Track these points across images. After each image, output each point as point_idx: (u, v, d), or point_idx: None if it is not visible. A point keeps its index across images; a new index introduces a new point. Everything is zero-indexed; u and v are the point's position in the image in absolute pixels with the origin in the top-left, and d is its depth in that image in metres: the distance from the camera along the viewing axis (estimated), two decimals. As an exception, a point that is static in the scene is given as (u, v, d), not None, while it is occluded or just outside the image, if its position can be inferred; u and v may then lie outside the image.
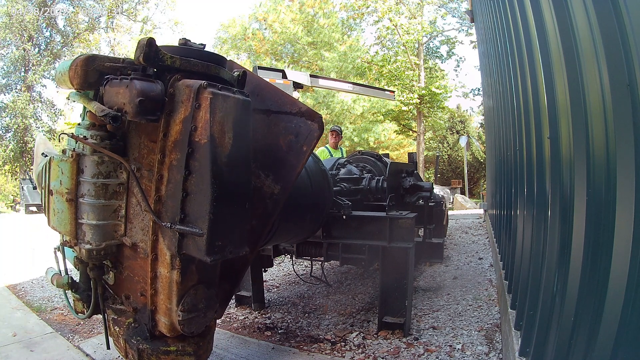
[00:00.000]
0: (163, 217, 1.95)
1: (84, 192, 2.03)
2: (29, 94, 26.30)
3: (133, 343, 2.14)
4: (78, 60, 1.90)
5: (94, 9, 27.04)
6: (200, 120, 1.84)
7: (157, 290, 2.14)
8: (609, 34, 1.19)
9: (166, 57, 1.87)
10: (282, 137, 2.38)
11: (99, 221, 2.09)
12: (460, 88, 23.01)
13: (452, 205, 15.54)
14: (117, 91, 1.92)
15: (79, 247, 2.16)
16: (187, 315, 2.07)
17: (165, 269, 2.05)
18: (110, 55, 2.00)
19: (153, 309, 2.16)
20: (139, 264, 2.22)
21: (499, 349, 2.73)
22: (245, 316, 3.72)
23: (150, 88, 1.85)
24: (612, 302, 1.18)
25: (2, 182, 29.76)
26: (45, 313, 3.96)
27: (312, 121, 2.28)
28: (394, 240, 3.01)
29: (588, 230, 1.35)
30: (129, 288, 2.30)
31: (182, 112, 1.90)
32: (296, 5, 21.98)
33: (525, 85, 2.36)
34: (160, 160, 1.95)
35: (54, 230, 2.27)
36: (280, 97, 2.38)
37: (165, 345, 2.16)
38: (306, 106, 2.35)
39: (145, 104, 1.82)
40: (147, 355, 2.12)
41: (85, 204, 2.05)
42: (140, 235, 2.15)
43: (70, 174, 2.00)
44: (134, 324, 2.23)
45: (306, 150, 2.31)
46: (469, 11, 9.59)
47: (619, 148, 1.16)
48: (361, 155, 4.89)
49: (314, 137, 2.29)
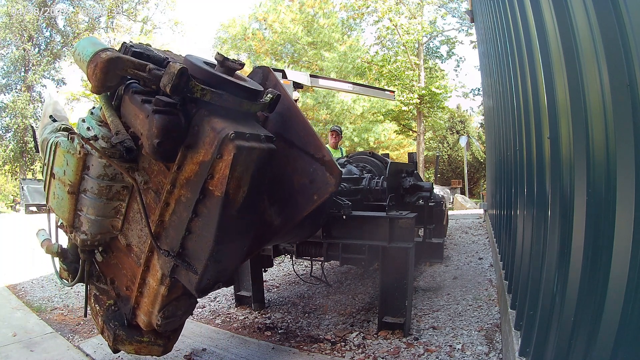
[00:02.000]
0: (162, 240, 1.99)
1: (87, 188, 2.03)
2: (29, 94, 26.31)
3: (110, 326, 2.29)
4: (99, 59, 1.69)
5: (94, 9, 27.06)
6: (219, 171, 1.75)
7: (143, 294, 2.22)
8: (609, 34, 1.19)
9: (196, 89, 1.70)
10: (297, 175, 2.27)
11: (98, 217, 2.12)
12: (460, 88, 23.04)
13: (452, 205, 15.54)
14: (136, 113, 1.79)
15: (74, 234, 2.20)
16: (166, 320, 2.19)
17: (154, 282, 2.13)
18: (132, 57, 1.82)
19: (135, 306, 2.27)
20: (130, 264, 2.27)
21: (499, 349, 2.73)
22: (245, 316, 3.71)
23: (171, 126, 1.69)
24: (612, 302, 1.18)
25: (2, 182, 29.76)
26: (45, 313, 3.96)
27: (331, 174, 2.16)
28: (394, 240, 3.01)
29: (588, 230, 1.35)
30: (116, 274, 2.38)
31: (201, 154, 1.77)
32: (296, 5, 21.97)
33: (525, 85, 2.36)
34: (169, 190, 1.90)
35: (51, 210, 2.34)
36: (308, 135, 2.23)
37: (140, 335, 2.32)
38: (330, 156, 2.20)
39: (165, 146, 1.71)
40: (122, 340, 2.29)
41: (87, 199, 2.06)
42: (135, 240, 2.19)
43: (75, 168, 1.99)
44: (114, 307, 2.35)
45: (316, 200, 2.23)
46: (469, 11, 9.58)
47: (619, 148, 1.16)
48: (360, 156, 4.89)
49: (328, 191, 2.20)
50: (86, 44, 1.82)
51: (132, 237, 2.21)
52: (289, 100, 2.28)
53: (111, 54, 1.70)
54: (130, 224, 2.21)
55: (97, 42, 1.83)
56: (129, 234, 2.21)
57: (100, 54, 1.70)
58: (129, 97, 1.86)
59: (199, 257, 1.89)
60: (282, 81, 8.81)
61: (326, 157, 2.18)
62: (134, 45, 1.97)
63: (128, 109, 1.86)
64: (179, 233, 1.90)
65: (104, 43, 1.85)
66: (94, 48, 1.75)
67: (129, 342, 2.30)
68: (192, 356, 2.82)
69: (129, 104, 1.86)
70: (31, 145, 25.32)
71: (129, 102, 1.86)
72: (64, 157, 2.02)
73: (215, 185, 1.77)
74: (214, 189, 1.77)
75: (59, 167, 2.09)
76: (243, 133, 1.74)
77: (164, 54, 2.19)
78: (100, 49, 1.73)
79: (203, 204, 1.82)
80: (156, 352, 2.40)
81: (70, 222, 2.15)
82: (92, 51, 1.73)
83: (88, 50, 1.76)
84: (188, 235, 1.90)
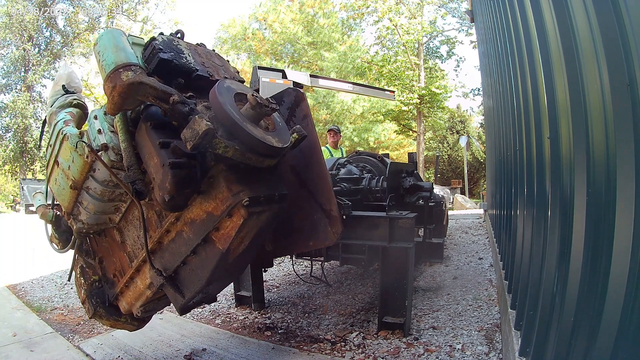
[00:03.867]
0: (157, 258, 2.04)
1: (90, 187, 2.03)
2: (29, 94, 26.30)
3: (92, 302, 2.44)
4: (119, 81, 1.53)
5: (94, 9, 27.04)
6: (225, 228, 1.75)
7: (129, 288, 2.32)
8: (609, 34, 1.19)
9: (219, 146, 1.57)
10: (300, 215, 2.23)
11: (97, 213, 2.14)
12: (460, 88, 23.06)
13: (452, 205, 15.53)
14: (151, 153, 1.64)
15: (71, 221, 2.25)
16: (146, 313, 2.37)
17: (142, 284, 2.21)
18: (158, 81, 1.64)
19: (119, 294, 2.39)
20: (121, 256, 2.34)
21: (499, 349, 2.73)
22: (245, 316, 3.71)
23: (186, 183, 1.62)
24: (612, 302, 1.18)
25: (2, 182, 29.75)
26: (45, 313, 3.96)
27: (333, 231, 2.13)
28: (394, 240, 3.00)
29: (588, 230, 1.35)
30: (105, 257, 2.46)
31: (212, 205, 1.74)
32: (296, 5, 21.97)
33: (525, 85, 2.36)
34: (172, 221, 1.90)
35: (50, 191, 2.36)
36: (323, 183, 2.16)
37: (118, 315, 2.48)
38: (337, 211, 2.15)
39: (176, 201, 1.66)
40: (100, 316, 2.46)
41: (88, 197, 2.07)
42: (130, 241, 2.25)
43: (81, 169, 1.97)
44: (98, 284, 2.48)
45: (311, 246, 2.25)
46: (469, 11, 9.58)
47: (619, 148, 1.16)
48: (359, 156, 4.89)
49: (325, 244, 2.21)
50: (108, 45, 1.66)
51: (127, 237, 2.24)
52: (314, 138, 2.17)
53: (132, 77, 1.55)
54: (127, 224, 2.23)
55: (120, 44, 1.68)
56: (126, 233, 2.25)
57: (121, 73, 1.55)
58: (147, 129, 1.69)
59: (189, 287, 1.96)
60: (282, 81, 8.78)
61: (333, 212, 2.11)
62: (163, 49, 1.83)
63: (143, 142, 1.70)
64: (174, 261, 1.96)
65: (127, 48, 1.69)
66: (116, 57, 1.60)
67: (107, 319, 2.47)
68: (192, 356, 2.82)
69: (145, 138, 1.69)
70: (31, 145, 25.32)
71: (145, 135, 1.70)
72: (71, 153, 1.97)
73: (218, 238, 1.77)
74: (216, 241, 1.78)
75: (64, 159, 2.04)
76: (258, 197, 1.69)
77: (195, 52, 2.05)
78: (123, 63, 1.58)
79: (203, 248, 1.85)
80: (130, 329, 2.60)
81: (69, 211, 2.19)
82: (113, 60, 1.60)
83: (109, 57, 1.62)
84: (183, 265, 1.96)
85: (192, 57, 2.01)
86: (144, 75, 1.59)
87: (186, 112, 1.62)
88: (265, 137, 1.70)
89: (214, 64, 2.17)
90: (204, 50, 2.20)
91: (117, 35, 1.75)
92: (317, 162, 2.18)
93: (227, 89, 1.74)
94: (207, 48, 2.27)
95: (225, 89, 1.72)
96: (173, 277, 1.99)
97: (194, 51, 2.08)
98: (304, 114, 2.24)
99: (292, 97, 2.30)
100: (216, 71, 2.12)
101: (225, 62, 2.31)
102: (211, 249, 1.81)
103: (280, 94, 2.35)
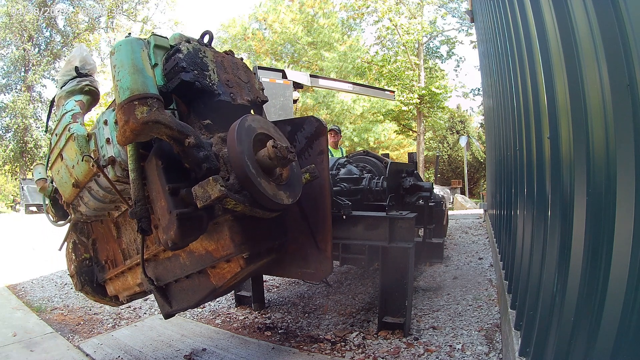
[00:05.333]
0: (150, 267, 2.10)
1: (93, 188, 2.03)
2: (29, 94, 26.31)
3: (80, 280, 2.55)
4: (133, 118, 1.42)
5: (94, 9, 27.05)
6: (221, 269, 1.86)
7: (119, 279, 2.40)
8: (609, 34, 1.19)
9: (229, 204, 1.55)
10: (295, 244, 2.25)
11: (97, 210, 2.16)
12: (460, 88, 23.03)
13: (452, 205, 15.53)
14: (158, 193, 1.61)
15: (70, 209, 2.28)
16: (131, 300, 2.53)
17: (132, 280, 2.28)
18: (174, 118, 1.54)
19: (109, 280, 2.49)
20: (115, 249, 2.42)
21: (499, 349, 2.73)
22: (245, 316, 3.71)
23: (191, 234, 1.60)
24: (612, 302, 1.18)
25: (2, 182, 29.75)
26: (45, 313, 3.96)
27: (321, 270, 2.16)
28: (394, 240, 3.00)
29: (588, 230, 1.35)
30: (99, 241, 2.53)
31: (212, 246, 1.81)
32: (296, 5, 21.98)
33: (525, 85, 2.36)
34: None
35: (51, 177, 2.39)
36: (324, 224, 2.15)
37: (103, 294, 2.62)
38: (331, 253, 2.16)
39: (178, 246, 1.66)
40: (87, 292, 2.59)
41: (90, 196, 2.07)
42: (126, 240, 2.32)
43: (85, 173, 1.94)
44: (88, 262, 2.57)
45: (299, 276, 2.30)
46: (469, 11, 9.58)
47: (619, 148, 1.16)
48: (366, 156, 4.88)
49: (310, 280, 2.34)
50: (126, 62, 1.50)
51: (124, 235, 2.29)
52: (325, 176, 2.14)
53: (147, 116, 1.43)
54: (125, 222, 2.25)
55: (139, 64, 1.51)
56: (122, 230, 2.29)
57: (135, 108, 1.43)
58: (157, 167, 1.61)
59: (177, 302, 2.07)
60: (282, 81, 8.75)
61: (327, 254, 2.13)
62: (186, 67, 1.73)
63: (152, 178, 1.64)
64: (167, 276, 2.03)
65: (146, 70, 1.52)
66: (133, 82, 1.46)
67: (92, 296, 2.61)
68: (192, 356, 2.82)
69: (154, 175, 1.62)
70: (31, 145, 25.33)
71: (154, 172, 1.63)
72: (76, 155, 1.93)
73: (213, 275, 1.86)
74: (211, 275, 1.86)
75: (69, 157, 1.99)
76: (259, 253, 1.76)
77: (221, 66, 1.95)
78: (138, 94, 1.44)
79: (197, 276, 1.94)
80: (113, 306, 2.76)
81: (69, 202, 2.21)
82: (128, 86, 1.46)
83: (125, 80, 1.47)
84: (175, 283, 2.04)
85: (217, 74, 1.91)
86: (160, 111, 1.48)
87: (200, 159, 1.56)
88: (277, 194, 1.67)
89: (238, 81, 2.06)
90: (231, 62, 2.08)
91: (137, 48, 1.58)
92: (323, 204, 2.14)
93: (248, 131, 1.67)
94: (235, 57, 2.16)
95: (245, 132, 1.65)
96: (164, 289, 2.08)
97: (219, 65, 1.97)
98: (321, 149, 2.17)
99: (313, 127, 2.22)
100: (240, 92, 2.02)
101: (251, 76, 2.20)
102: (205, 280, 1.90)
103: (302, 120, 2.26)
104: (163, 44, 1.88)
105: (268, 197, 1.62)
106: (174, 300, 2.05)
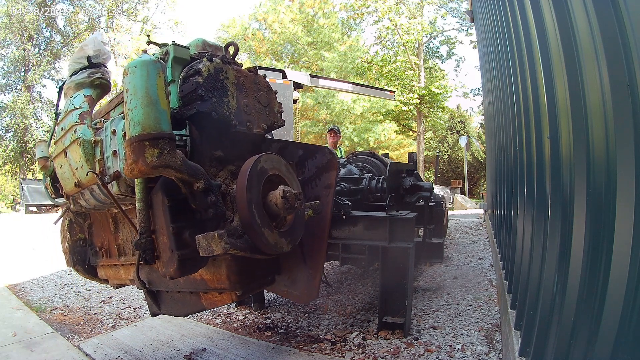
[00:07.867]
0: (144, 271, 2.13)
1: (95, 190, 2.06)
2: (29, 94, 26.32)
3: (73, 259, 2.59)
4: (142, 160, 1.37)
5: (94, 9, 27.06)
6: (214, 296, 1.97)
7: (112, 269, 2.44)
8: (609, 34, 1.19)
9: (231, 251, 1.55)
10: (288, 262, 2.26)
11: (97, 207, 2.20)
12: (460, 88, 23.03)
13: (452, 205, 15.53)
14: (162, 229, 1.62)
15: (70, 200, 2.32)
16: (119, 287, 2.63)
17: (124, 274, 2.34)
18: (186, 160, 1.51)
19: (101, 267, 2.53)
20: (111, 241, 2.47)
21: (499, 349, 2.73)
22: (245, 316, 3.72)
23: (190, 270, 1.64)
24: (612, 302, 1.18)
25: (2, 182, 29.75)
26: (45, 313, 3.96)
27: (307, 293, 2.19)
28: (394, 240, 3.00)
29: (588, 230, 1.35)
30: (95, 226, 2.56)
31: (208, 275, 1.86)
32: (296, 5, 21.99)
33: (525, 85, 2.36)
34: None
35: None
36: (319, 252, 2.17)
37: (94, 274, 2.66)
38: (319, 282, 2.20)
39: (175, 279, 1.72)
40: (77, 270, 2.63)
41: (91, 195, 2.10)
42: (122, 237, 2.37)
43: (88, 179, 1.96)
44: (82, 242, 2.60)
45: (285, 294, 2.35)
46: (469, 11, 9.58)
47: (619, 148, 1.16)
48: (359, 156, 4.88)
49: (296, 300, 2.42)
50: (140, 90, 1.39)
51: (120, 232, 2.35)
52: (328, 210, 2.14)
53: (158, 161, 1.37)
54: (124, 220, 2.27)
55: (154, 95, 1.42)
56: (120, 228, 2.32)
57: (146, 149, 1.36)
58: (163, 204, 1.59)
59: (166, 307, 2.15)
60: (282, 81, 8.75)
61: (315, 281, 2.15)
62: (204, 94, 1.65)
63: (157, 212, 1.63)
64: (160, 284, 2.07)
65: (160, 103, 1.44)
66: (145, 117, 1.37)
67: (83, 274, 2.65)
68: (192, 356, 2.82)
69: (160, 210, 1.61)
70: (31, 145, 25.31)
71: (160, 207, 1.61)
72: (81, 160, 1.91)
73: (205, 299, 1.97)
74: (202, 298, 1.98)
75: (73, 159, 1.98)
76: (252, 289, 1.85)
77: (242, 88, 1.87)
78: (150, 133, 1.38)
79: (189, 294, 2.04)
80: (101, 283, 2.79)
81: (70, 194, 2.24)
82: (140, 120, 1.37)
83: (137, 113, 1.38)
84: (167, 293, 2.13)
85: (236, 98, 1.84)
86: (171, 154, 1.42)
87: (207, 204, 1.55)
88: (278, 242, 1.67)
89: (257, 106, 1.98)
90: (253, 82, 1.99)
91: (153, 73, 1.44)
92: (320, 236, 2.14)
93: (259, 175, 1.65)
94: (258, 76, 2.07)
95: (257, 177, 1.63)
96: (155, 294, 2.17)
97: (240, 87, 1.90)
98: (329, 183, 2.16)
99: (325, 159, 2.18)
100: (257, 119, 1.96)
101: (271, 98, 2.11)
102: (196, 301, 2.00)
103: (315, 149, 2.23)
104: (183, 56, 1.80)
105: (269, 246, 1.63)
106: (163, 305, 2.16)
